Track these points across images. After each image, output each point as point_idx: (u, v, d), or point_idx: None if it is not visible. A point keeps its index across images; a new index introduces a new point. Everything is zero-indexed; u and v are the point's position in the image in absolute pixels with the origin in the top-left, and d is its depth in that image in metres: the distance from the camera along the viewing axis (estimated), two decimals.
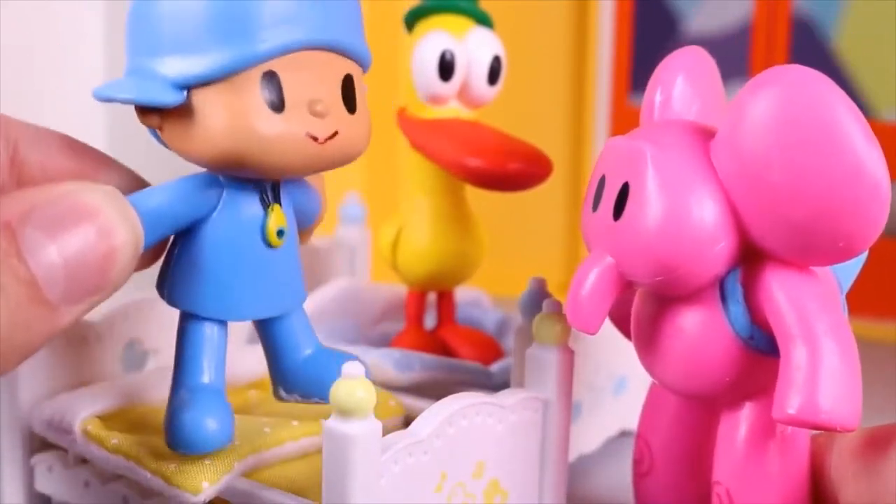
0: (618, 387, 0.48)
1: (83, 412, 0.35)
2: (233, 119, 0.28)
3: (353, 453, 0.28)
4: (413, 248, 0.49)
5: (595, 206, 0.31)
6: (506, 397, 0.34)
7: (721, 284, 0.30)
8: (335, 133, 0.30)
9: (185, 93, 0.28)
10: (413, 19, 0.48)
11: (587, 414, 0.46)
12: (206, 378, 0.32)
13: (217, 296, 0.31)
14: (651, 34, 0.73)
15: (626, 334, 0.36)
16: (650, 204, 0.29)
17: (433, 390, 0.43)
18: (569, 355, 0.36)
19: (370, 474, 0.28)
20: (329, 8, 0.30)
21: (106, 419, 0.35)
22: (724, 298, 0.30)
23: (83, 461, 0.36)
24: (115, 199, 0.26)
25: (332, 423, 0.28)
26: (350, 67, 0.31)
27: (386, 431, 0.30)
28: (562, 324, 0.35)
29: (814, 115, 0.26)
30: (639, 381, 0.49)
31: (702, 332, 0.30)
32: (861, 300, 0.32)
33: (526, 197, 0.49)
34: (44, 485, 0.37)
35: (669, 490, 0.35)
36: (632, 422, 0.49)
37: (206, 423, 0.30)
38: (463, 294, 0.55)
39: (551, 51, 0.76)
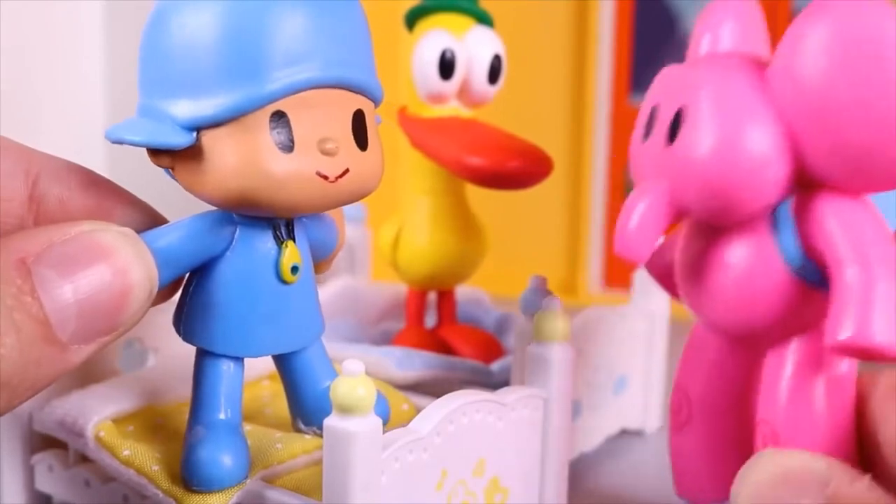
0: (618, 385, 0.48)
1: (96, 415, 0.35)
2: (243, 160, 0.28)
3: (353, 451, 0.28)
4: (413, 248, 0.49)
5: (646, 137, 0.31)
6: (506, 395, 0.34)
7: (773, 215, 0.30)
8: (346, 171, 0.29)
9: (194, 134, 0.28)
10: (413, 18, 0.48)
11: (587, 412, 0.46)
12: (222, 414, 0.32)
13: (232, 333, 0.31)
14: (651, 34, 0.73)
15: (667, 287, 0.35)
16: (705, 127, 0.29)
17: (434, 388, 0.43)
18: (569, 353, 0.35)
19: (371, 472, 0.28)
20: (338, 46, 0.29)
21: (119, 422, 0.35)
22: (775, 228, 0.30)
23: (83, 460, 0.36)
24: (131, 239, 0.26)
25: (333, 420, 0.28)
26: (361, 103, 0.30)
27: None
28: (562, 321, 0.35)
29: (875, 38, 0.26)
30: (638, 380, 0.49)
31: (753, 262, 0.30)
32: None
33: (526, 196, 0.49)
34: (44, 484, 0.37)
35: (709, 439, 0.34)
36: (632, 420, 0.49)
37: (221, 460, 0.30)
38: (463, 293, 0.55)
39: (551, 50, 0.76)
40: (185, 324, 0.32)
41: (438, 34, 0.46)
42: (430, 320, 0.52)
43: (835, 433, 0.30)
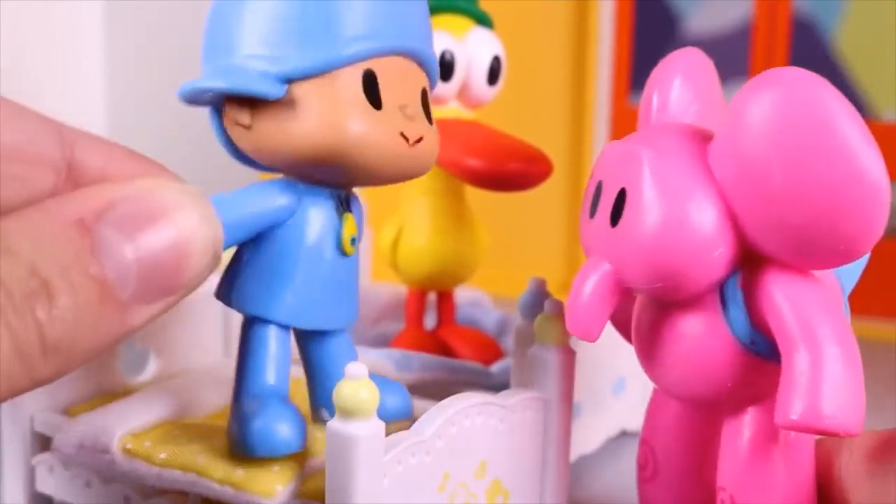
0: (617, 387, 0.48)
1: (119, 430, 0.34)
2: (332, 114, 0.28)
3: (356, 454, 0.28)
4: (413, 248, 0.49)
5: (592, 213, 0.31)
6: (508, 397, 0.34)
7: (721, 289, 0.30)
8: (421, 137, 0.30)
9: (285, 85, 0.28)
10: None
11: (587, 414, 0.46)
12: (272, 381, 0.31)
13: (289, 301, 0.31)
14: (651, 34, 0.73)
15: (629, 338, 0.36)
16: (647, 210, 0.28)
17: (433, 390, 0.43)
18: (570, 355, 0.36)
19: (373, 475, 0.28)
20: (420, 22, 0.31)
21: (140, 437, 0.34)
22: (724, 303, 0.29)
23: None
24: (197, 198, 0.25)
25: (336, 423, 0.28)
26: (425, 81, 0.32)
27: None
28: (563, 324, 0.35)
29: (812, 117, 0.26)
30: (638, 382, 0.49)
31: (702, 337, 0.30)
32: (861, 300, 0.32)
33: (526, 197, 0.49)
34: (45, 485, 0.37)
35: (673, 494, 0.34)
36: (631, 422, 0.49)
37: (278, 428, 0.30)
38: (463, 294, 0.55)
39: (551, 51, 0.76)
40: (236, 291, 0.32)
41: (438, 35, 0.46)
42: (430, 321, 0.52)
43: (793, 499, 0.30)
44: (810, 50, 0.68)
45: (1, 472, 0.38)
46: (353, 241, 0.32)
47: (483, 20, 0.48)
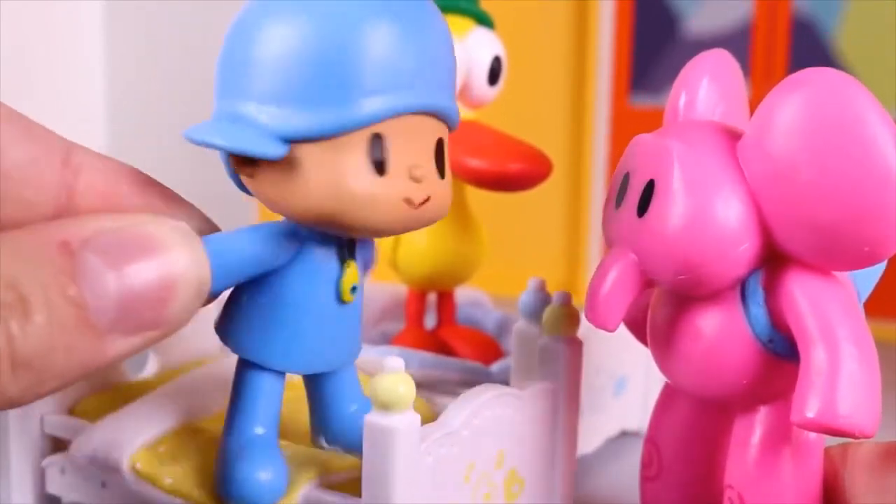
0: (618, 387, 0.48)
1: (129, 446, 0.34)
2: (335, 179, 0.27)
3: (394, 446, 0.28)
4: (413, 248, 0.49)
5: (618, 204, 0.31)
6: (523, 388, 0.34)
7: (742, 286, 0.30)
8: (428, 198, 0.29)
9: (288, 146, 0.27)
10: None
11: (588, 414, 0.46)
12: (259, 429, 0.31)
13: (284, 349, 0.30)
14: (651, 34, 0.73)
15: (639, 338, 0.36)
16: (675, 201, 0.29)
17: (433, 389, 0.43)
18: (578, 346, 0.36)
19: (411, 466, 0.29)
20: (436, 71, 0.29)
21: (153, 448, 0.34)
22: (744, 300, 0.30)
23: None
24: (185, 235, 0.25)
25: (374, 416, 0.28)
26: (442, 131, 0.30)
27: None
28: (571, 315, 0.36)
29: (841, 118, 0.26)
30: (639, 382, 0.49)
31: (721, 333, 0.30)
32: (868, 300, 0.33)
33: (526, 197, 0.49)
34: (56, 487, 0.37)
35: (677, 494, 0.35)
36: (632, 422, 0.49)
37: (259, 476, 0.30)
38: (463, 294, 0.55)
39: (551, 51, 0.77)
40: (232, 333, 0.31)
41: None
42: (430, 321, 0.52)
43: (801, 500, 0.30)
44: (810, 50, 0.68)
45: (10, 473, 0.38)
46: (354, 289, 0.31)
47: (484, 20, 0.48)
